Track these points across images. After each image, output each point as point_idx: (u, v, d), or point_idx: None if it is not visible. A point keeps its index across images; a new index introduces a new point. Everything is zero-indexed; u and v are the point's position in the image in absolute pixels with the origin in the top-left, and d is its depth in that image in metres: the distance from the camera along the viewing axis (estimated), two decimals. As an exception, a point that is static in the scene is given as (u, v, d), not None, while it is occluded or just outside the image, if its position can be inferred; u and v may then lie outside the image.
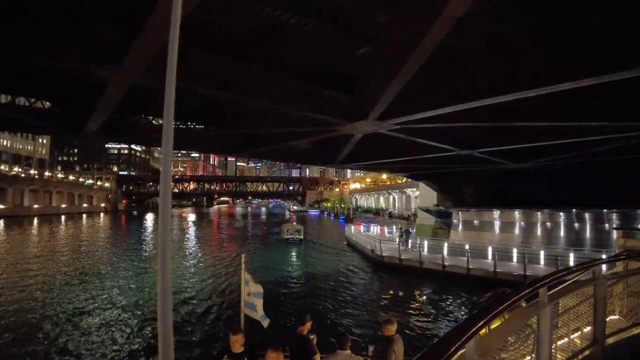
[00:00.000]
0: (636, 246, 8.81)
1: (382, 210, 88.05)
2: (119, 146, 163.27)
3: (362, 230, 42.86)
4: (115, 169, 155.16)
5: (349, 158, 18.25)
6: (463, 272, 24.09)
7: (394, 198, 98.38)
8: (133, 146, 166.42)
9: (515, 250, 25.76)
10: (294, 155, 19.02)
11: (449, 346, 1.92)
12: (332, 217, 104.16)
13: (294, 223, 54.89)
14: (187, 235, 56.78)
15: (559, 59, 8.26)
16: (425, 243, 29.70)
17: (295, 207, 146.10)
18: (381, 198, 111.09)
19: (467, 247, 27.40)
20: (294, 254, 38.64)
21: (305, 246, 43.79)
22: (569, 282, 4.11)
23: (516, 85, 8.61)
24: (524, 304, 3.37)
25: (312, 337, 6.90)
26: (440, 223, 35.30)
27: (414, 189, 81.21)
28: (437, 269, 25.36)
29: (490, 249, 26.58)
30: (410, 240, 31.86)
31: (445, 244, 28.70)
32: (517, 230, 28.79)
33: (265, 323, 7.73)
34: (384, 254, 28.63)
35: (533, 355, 3.25)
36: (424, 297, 21.58)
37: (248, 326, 7.57)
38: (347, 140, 14.47)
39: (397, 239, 34.61)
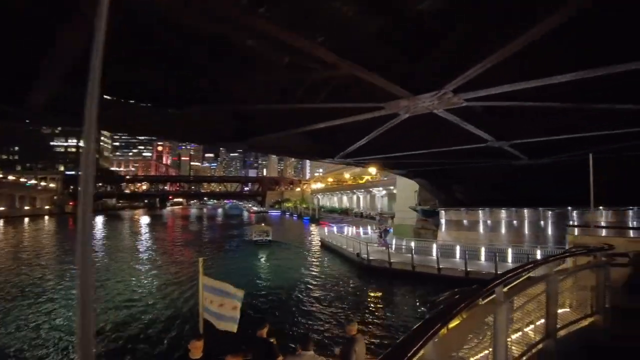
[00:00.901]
0: (584, 242, 8.86)
1: (350, 210, 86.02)
2: (65, 144, 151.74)
3: (336, 232, 40.93)
4: (62, 168, 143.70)
5: (359, 150, 15.96)
6: (461, 275, 22.42)
7: (358, 198, 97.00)
8: (81, 144, 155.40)
9: (510, 251, 24.41)
10: (291, 147, 16.33)
11: (408, 349, 1.91)
12: (294, 218, 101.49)
13: (262, 224, 53.93)
14: (142, 240, 52.67)
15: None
16: (413, 244, 27.89)
17: (255, 208, 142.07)
18: (344, 198, 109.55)
19: (458, 248, 26.00)
20: (266, 257, 36.06)
21: (276, 248, 41.67)
22: (523, 278, 4.23)
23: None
24: (481, 302, 3.31)
25: (272, 340, 7.01)
26: (423, 223, 33.73)
27: (380, 189, 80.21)
28: (432, 272, 23.56)
29: (483, 250, 25.18)
30: (394, 242, 29.93)
31: (435, 245, 27.08)
32: (509, 229, 27.53)
33: (234, 328, 7.52)
34: (371, 258, 26.48)
35: (490, 349, 3.26)
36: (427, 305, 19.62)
37: (208, 332, 7.36)
38: (376, 125, 12.14)
39: (377, 240, 33.08)
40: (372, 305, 19.85)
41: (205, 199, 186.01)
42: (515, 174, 21.99)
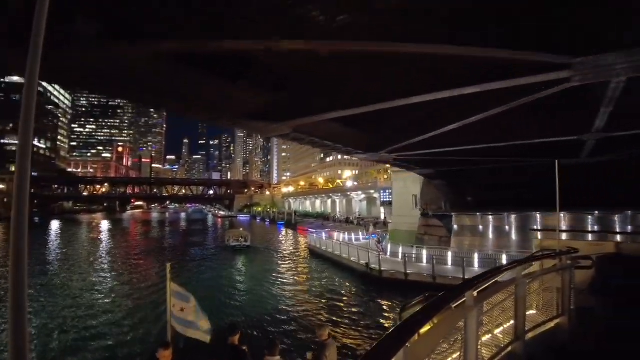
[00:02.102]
0: (551, 246, 8.90)
1: (330, 215, 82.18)
2: (17, 142, 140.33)
3: (325, 238, 37.89)
4: (13, 168, 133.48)
5: (416, 144, 12.92)
6: (490, 287, 19.74)
7: (333, 202, 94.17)
8: (35, 142, 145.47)
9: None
10: (336, 136, 12.92)
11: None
12: (267, 223, 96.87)
13: (240, 229, 53.01)
14: (103, 250, 47.96)
15: None
16: (424, 252, 25.29)
17: (222, 212, 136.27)
18: (317, 202, 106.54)
19: (476, 255, 23.55)
20: (249, 267, 32.53)
21: (257, 255, 38.94)
22: (491, 282, 4.19)
23: None
24: (452, 307, 3.26)
25: (244, 347, 6.78)
26: (426, 229, 31.13)
27: (359, 192, 77.83)
28: (456, 284, 20.72)
29: (504, 257, 22.74)
30: (401, 249, 27.11)
31: (450, 253, 24.52)
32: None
33: (206, 338, 7.35)
34: (383, 268, 23.47)
35: (461, 353, 3.25)
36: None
37: (177, 340, 7.24)
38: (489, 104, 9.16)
39: (376, 246, 30.43)
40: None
41: (167, 202, 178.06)
42: (546, 173, 19.66)
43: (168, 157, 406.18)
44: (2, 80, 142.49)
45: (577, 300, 6.01)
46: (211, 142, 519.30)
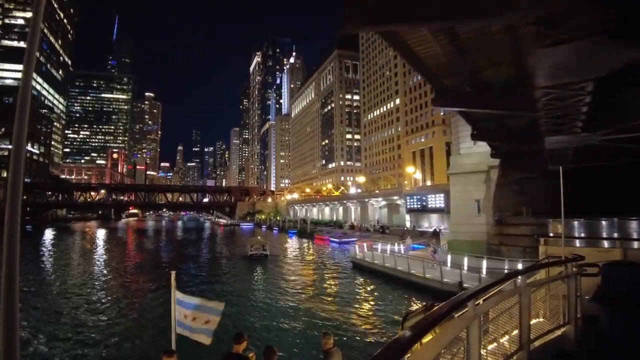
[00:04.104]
0: (556, 253, 8.47)
1: (358, 224, 75.74)
2: (9, 147, 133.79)
3: (366, 249, 33.37)
4: (5, 174, 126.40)
5: None
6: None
7: (345, 209, 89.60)
8: (28, 147, 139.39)
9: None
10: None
11: None
12: (274, 231, 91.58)
13: (258, 237, 53.12)
14: (110, 263, 43.19)
15: None
16: (520, 266, 20.78)
17: (223, 220, 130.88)
18: (327, 209, 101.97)
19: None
20: (292, 288, 27.79)
21: (287, 269, 34.49)
22: (494, 291, 4.07)
23: None
24: (455, 316, 3.15)
25: (250, 354, 6.54)
26: (501, 238, 26.65)
27: (379, 199, 73.26)
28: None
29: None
30: (484, 264, 22.68)
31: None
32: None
33: (208, 340, 7.12)
34: (483, 288, 18.94)
35: None
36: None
37: (180, 348, 7.05)
38: None
39: (431, 256, 27.16)
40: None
41: (164, 209, 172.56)
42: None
43: (162, 164, 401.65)
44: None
45: (583, 308, 5.91)
46: (205, 149, 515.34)
